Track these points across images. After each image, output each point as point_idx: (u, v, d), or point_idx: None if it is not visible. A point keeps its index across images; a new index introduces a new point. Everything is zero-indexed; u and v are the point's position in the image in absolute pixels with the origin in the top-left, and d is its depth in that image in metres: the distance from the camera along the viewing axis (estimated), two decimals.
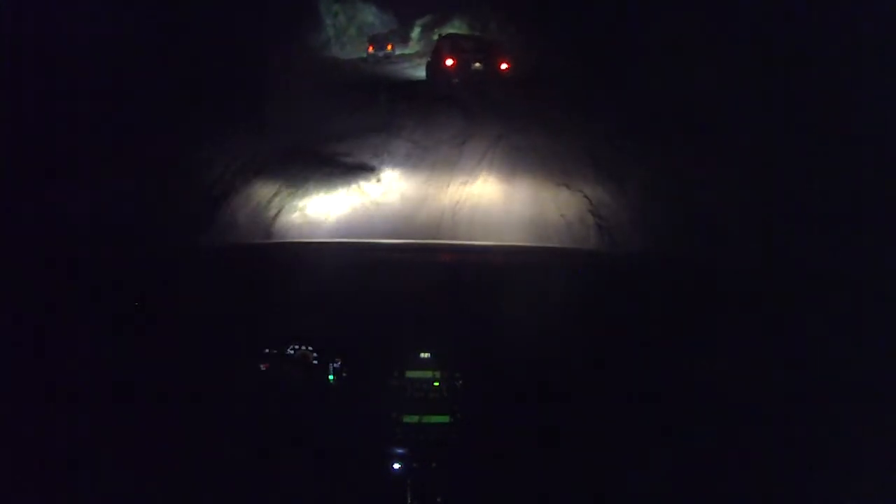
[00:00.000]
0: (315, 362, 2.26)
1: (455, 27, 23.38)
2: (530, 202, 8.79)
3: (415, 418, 2.17)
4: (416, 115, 11.92)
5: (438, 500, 2.01)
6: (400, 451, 2.16)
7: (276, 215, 8.88)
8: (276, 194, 9.09)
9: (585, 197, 8.60)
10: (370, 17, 31.17)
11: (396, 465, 2.11)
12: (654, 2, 11.56)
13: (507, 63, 14.82)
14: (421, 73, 17.05)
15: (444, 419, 2.18)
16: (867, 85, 6.48)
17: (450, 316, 2.45)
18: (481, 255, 3.39)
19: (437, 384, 2.21)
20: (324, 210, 9.18)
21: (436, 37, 19.11)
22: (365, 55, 24.50)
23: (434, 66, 15.71)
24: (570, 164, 9.62)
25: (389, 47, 24.66)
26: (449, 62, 14.39)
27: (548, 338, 2.28)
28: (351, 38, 28.58)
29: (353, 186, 9.06)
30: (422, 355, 2.25)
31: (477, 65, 14.38)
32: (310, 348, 2.26)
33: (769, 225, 6.43)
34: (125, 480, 1.99)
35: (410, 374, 2.24)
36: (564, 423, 2.14)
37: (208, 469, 2.08)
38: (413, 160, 9.77)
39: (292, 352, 2.26)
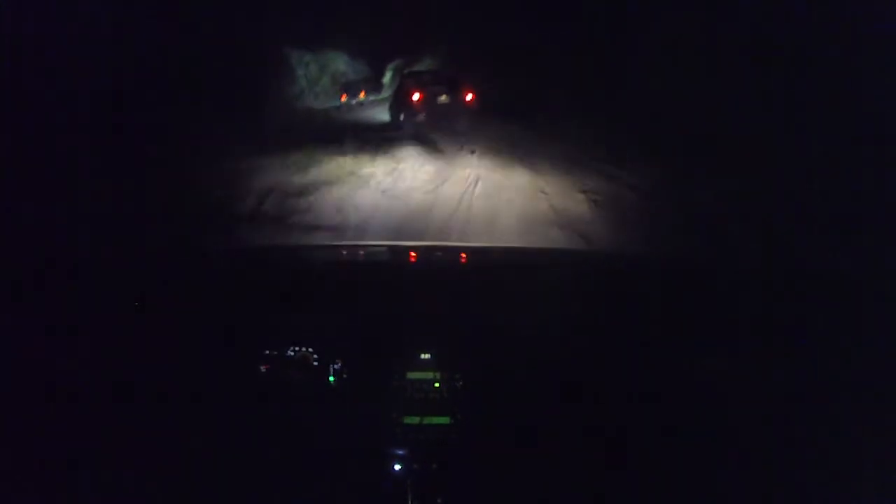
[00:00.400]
0: (315, 363, 2.29)
1: (427, 66, 24.04)
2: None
3: (415, 419, 2.21)
4: (386, 162, 11.75)
5: (439, 500, 2.02)
6: (400, 452, 2.16)
7: None
8: None
9: (581, 237, 8.23)
10: (342, 65, 31.65)
11: (397, 466, 2.12)
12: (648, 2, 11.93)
13: (473, 94, 15.46)
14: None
15: (445, 420, 2.20)
16: (867, 84, 6.92)
17: (450, 317, 2.50)
18: (482, 255, 3.48)
19: (437, 385, 2.25)
20: None
21: None
22: (339, 104, 25.18)
23: (398, 105, 15.91)
24: (558, 201, 9.32)
25: (362, 94, 25.44)
26: (415, 97, 14.87)
27: (548, 338, 2.33)
28: (324, 87, 28.99)
29: None
30: (422, 356, 2.29)
31: (443, 98, 14.92)
32: (310, 349, 2.30)
33: (769, 225, 6.57)
34: (125, 481, 2.01)
35: (411, 375, 2.27)
36: (565, 424, 2.17)
37: (208, 470, 2.09)
38: (381, 214, 8.92)
39: (292, 353, 2.30)
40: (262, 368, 2.30)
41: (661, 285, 2.63)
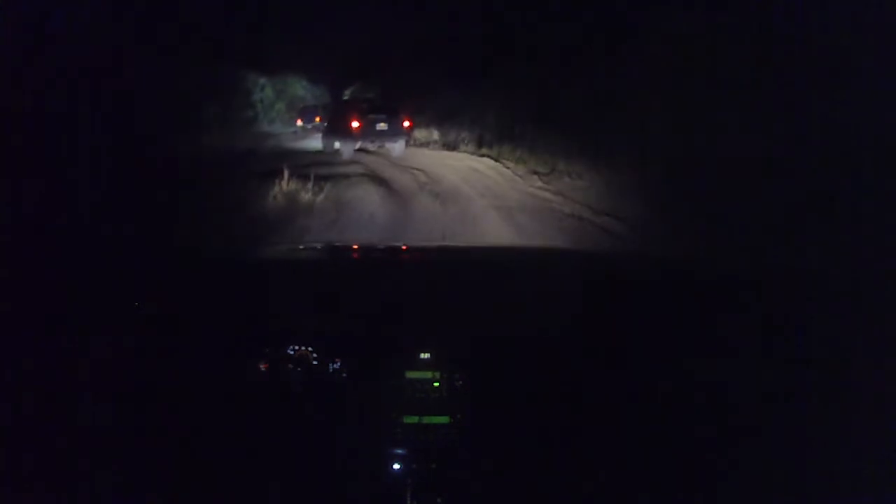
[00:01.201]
0: (315, 363, 2.15)
1: (375, 94, 23.28)
2: None
3: (414, 419, 2.08)
4: (326, 208, 8.84)
5: (438, 500, 1.93)
6: (400, 451, 2.03)
7: None
8: None
9: None
10: (300, 90, 31.63)
11: (396, 466, 2.01)
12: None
13: (410, 121, 15.26)
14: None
15: (445, 420, 2.08)
16: (864, 83, 6.77)
17: (450, 317, 2.31)
18: (481, 255, 3.41)
19: (436, 384, 2.11)
20: None
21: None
22: (294, 128, 25.04)
23: (334, 132, 15.39)
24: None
25: (318, 119, 24.21)
26: (355, 124, 14.04)
27: (548, 338, 2.17)
28: (279, 112, 28.62)
29: None
30: (422, 356, 2.14)
31: (382, 125, 14.24)
32: (309, 349, 2.16)
33: (769, 224, 6.59)
34: (124, 481, 1.88)
35: (410, 374, 2.12)
36: (565, 424, 2.04)
37: (206, 469, 1.95)
38: None
39: (292, 352, 2.15)
40: (262, 367, 2.20)
41: (661, 285, 2.49)
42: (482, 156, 14.50)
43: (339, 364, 2.15)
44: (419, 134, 18.96)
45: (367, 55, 24.97)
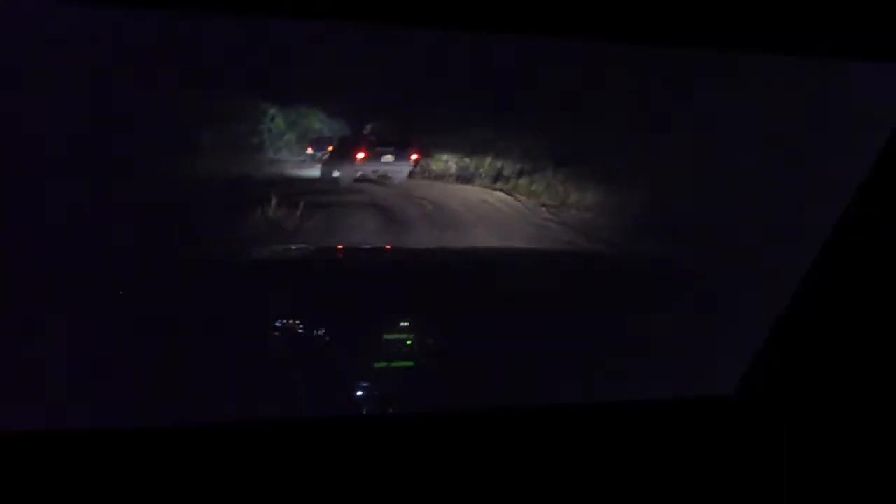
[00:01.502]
0: (301, 332, 2.45)
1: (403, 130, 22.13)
2: None
3: (383, 364, 2.44)
4: (315, 240, 8.27)
5: (390, 409, 2.30)
6: (364, 384, 2.38)
7: None
8: None
9: None
10: (317, 122, 30.94)
11: (359, 393, 2.34)
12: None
13: (419, 154, 15.15)
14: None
15: (410, 364, 2.44)
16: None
17: (436, 309, 2.60)
18: (475, 255, 3.74)
19: (409, 342, 2.49)
20: None
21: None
22: (303, 157, 24.37)
23: (336, 161, 15.45)
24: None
25: (330, 148, 23.22)
26: (360, 155, 14.17)
27: (538, 333, 2.47)
28: (288, 142, 27.92)
29: None
30: (401, 324, 2.50)
31: (388, 157, 14.08)
32: (296, 321, 2.44)
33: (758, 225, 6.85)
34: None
35: (388, 336, 2.47)
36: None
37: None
38: None
39: (280, 324, 2.45)
40: (252, 337, 2.45)
41: (650, 283, 2.83)
42: (496, 189, 14.32)
43: (322, 332, 2.44)
44: (435, 166, 18.80)
45: (389, 89, 24.79)
